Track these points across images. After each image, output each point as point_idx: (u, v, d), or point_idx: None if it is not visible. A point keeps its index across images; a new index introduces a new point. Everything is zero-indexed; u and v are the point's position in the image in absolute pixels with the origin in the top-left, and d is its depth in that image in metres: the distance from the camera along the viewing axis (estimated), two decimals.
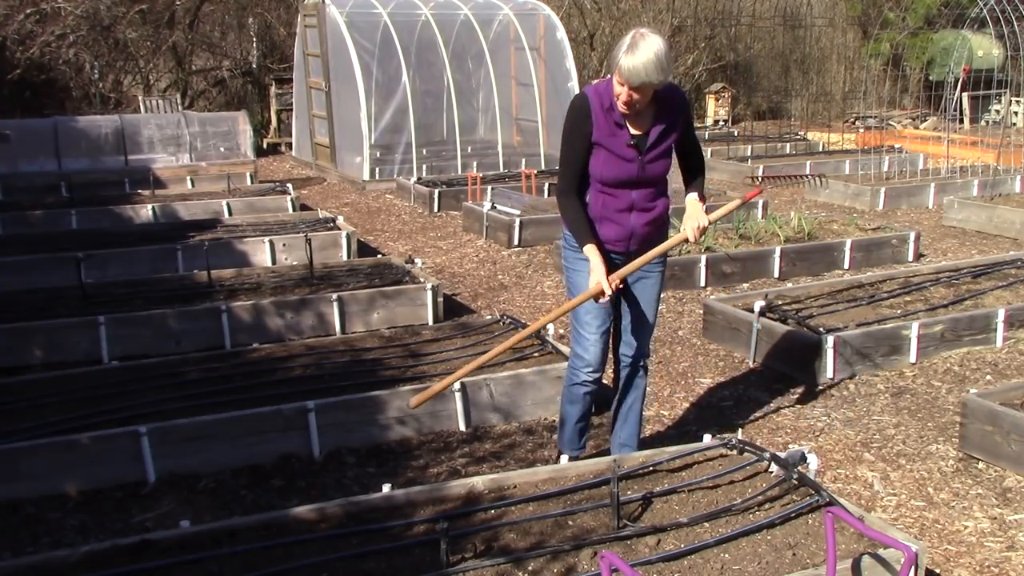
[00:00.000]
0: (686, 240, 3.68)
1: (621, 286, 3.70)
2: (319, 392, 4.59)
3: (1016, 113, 17.47)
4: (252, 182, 11.76)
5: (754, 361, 5.64)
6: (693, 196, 3.75)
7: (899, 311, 6.01)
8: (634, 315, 3.88)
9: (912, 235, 8.09)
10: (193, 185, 11.37)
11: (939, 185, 10.88)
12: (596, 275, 3.59)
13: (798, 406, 5.03)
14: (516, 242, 8.69)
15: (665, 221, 3.83)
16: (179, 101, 15.66)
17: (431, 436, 4.55)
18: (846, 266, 7.70)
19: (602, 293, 3.56)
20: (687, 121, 3.75)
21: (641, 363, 3.97)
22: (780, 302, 6.06)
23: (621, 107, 3.52)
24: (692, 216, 3.68)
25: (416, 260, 7.06)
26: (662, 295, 4.10)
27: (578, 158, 3.66)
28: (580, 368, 3.87)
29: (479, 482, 3.56)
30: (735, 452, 3.78)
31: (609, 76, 3.58)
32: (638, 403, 4.03)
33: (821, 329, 5.43)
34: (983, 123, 17.17)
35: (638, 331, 3.90)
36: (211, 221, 8.70)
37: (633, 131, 3.61)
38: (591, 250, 3.62)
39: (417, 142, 12.36)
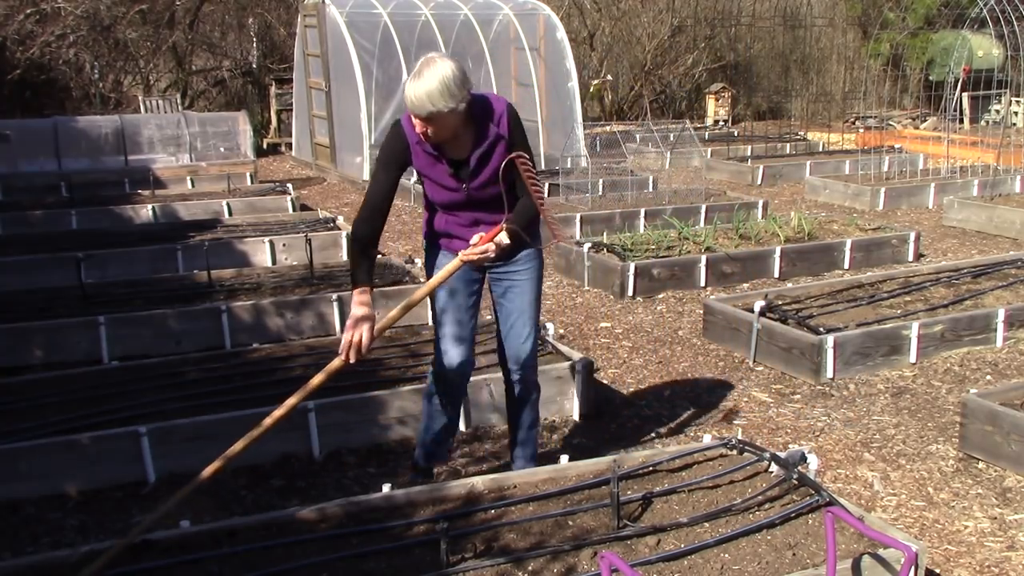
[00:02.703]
0: (462, 263, 3.37)
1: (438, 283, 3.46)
2: (319, 392, 4.57)
3: (1016, 113, 17.46)
4: (252, 182, 11.75)
5: (754, 361, 5.64)
6: (506, 222, 3.35)
7: (899, 311, 6.01)
8: (509, 326, 3.72)
9: (912, 235, 8.09)
10: (193, 185, 11.36)
11: (939, 185, 10.87)
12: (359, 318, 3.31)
13: (798, 406, 5.03)
14: None
15: (522, 229, 3.42)
16: (179, 101, 15.66)
17: None
18: (846, 266, 7.70)
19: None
20: (514, 135, 3.39)
21: (525, 378, 3.76)
22: (780, 302, 6.06)
23: (423, 138, 3.29)
24: (482, 241, 3.34)
25: (416, 260, 7.05)
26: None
27: (380, 190, 3.44)
28: (440, 372, 3.70)
29: (479, 482, 3.56)
30: (735, 452, 3.78)
31: None
32: (535, 426, 3.87)
33: (821, 329, 5.44)
34: (983, 123, 17.17)
35: (515, 343, 3.71)
36: (211, 221, 8.69)
37: (453, 157, 3.37)
38: (359, 293, 3.40)
39: None
